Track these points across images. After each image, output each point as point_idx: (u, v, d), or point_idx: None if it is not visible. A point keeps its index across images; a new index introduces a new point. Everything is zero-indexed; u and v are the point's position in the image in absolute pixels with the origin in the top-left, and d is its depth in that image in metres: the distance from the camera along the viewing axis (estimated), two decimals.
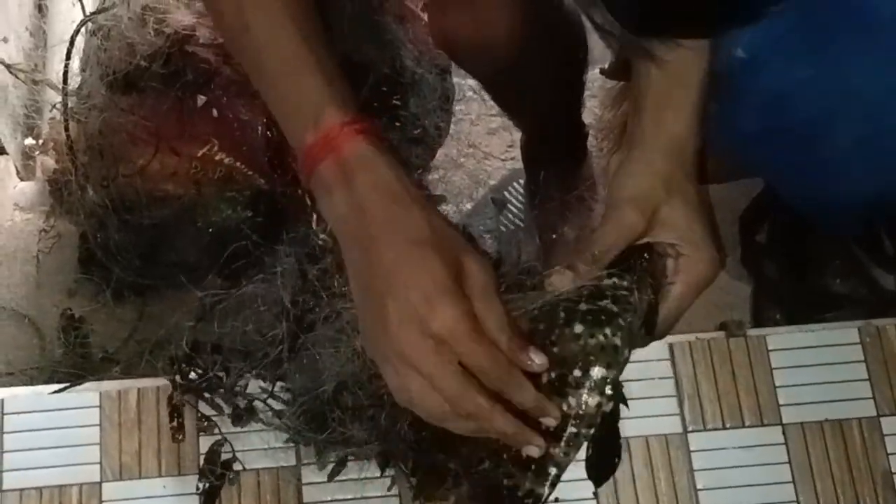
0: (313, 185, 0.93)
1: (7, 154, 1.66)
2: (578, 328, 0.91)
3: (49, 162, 1.54)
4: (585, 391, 0.91)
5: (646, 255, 0.95)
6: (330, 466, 1.15)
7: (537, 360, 0.89)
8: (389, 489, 1.15)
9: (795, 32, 1.18)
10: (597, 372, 0.91)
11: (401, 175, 0.90)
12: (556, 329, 0.91)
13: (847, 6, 1.15)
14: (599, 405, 0.92)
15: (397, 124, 1.38)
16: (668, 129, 0.97)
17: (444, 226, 0.89)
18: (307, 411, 1.15)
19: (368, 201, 0.89)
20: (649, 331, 0.96)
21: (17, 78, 1.51)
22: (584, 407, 0.91)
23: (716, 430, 1.22)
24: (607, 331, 0.91)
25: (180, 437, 1.18)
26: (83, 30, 1.39)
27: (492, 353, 0.86)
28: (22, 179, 1.68)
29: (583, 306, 0.91)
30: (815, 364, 1.24)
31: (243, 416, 1.18)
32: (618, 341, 0.91)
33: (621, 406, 0.99)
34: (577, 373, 0.91)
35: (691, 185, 0.97)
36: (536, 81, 1.37)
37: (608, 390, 0.92)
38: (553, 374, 0.91)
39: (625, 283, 0.93)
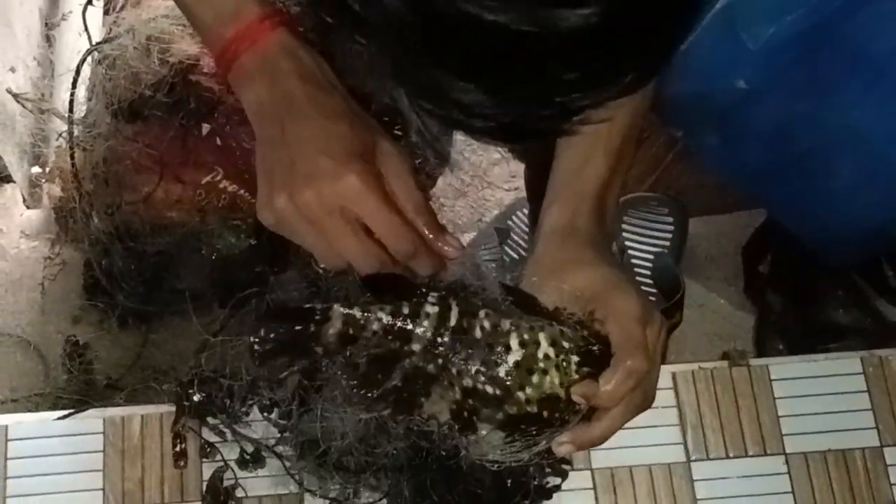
0: (233, 79, 0.94)
1: (14, 182, 1.66)
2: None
3: (55, 190, 1.55)
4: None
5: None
6: (332, 494, 1.15)
7: (454, 244, 0.91)
8: None
9: (797, 66, 1.18)
10: None
11: (322, 63, 0.93)
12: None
13: (848, 43, 1.16)
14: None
15: None
16: (551, 219, 0.98)
17: (363, 113, 0.93)
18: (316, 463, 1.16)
19: (291, 86, 0.91)
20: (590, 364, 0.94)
21: (24, 107, 1.52)
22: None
23: (719, 459, 1.22)
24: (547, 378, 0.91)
25: (182, 463, 1.18)
26: (89, 59, 1.40)
27: (396, 220, 0.89)
28: (28, 207, 1.69)
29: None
30: (819, 394, 1.24)
31: (250, 462, 1.18)
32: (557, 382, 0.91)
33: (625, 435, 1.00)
34: None
35: (589, 252, 0.95)
36: None
37: None
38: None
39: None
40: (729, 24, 1.13)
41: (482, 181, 1.92)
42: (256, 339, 0.90)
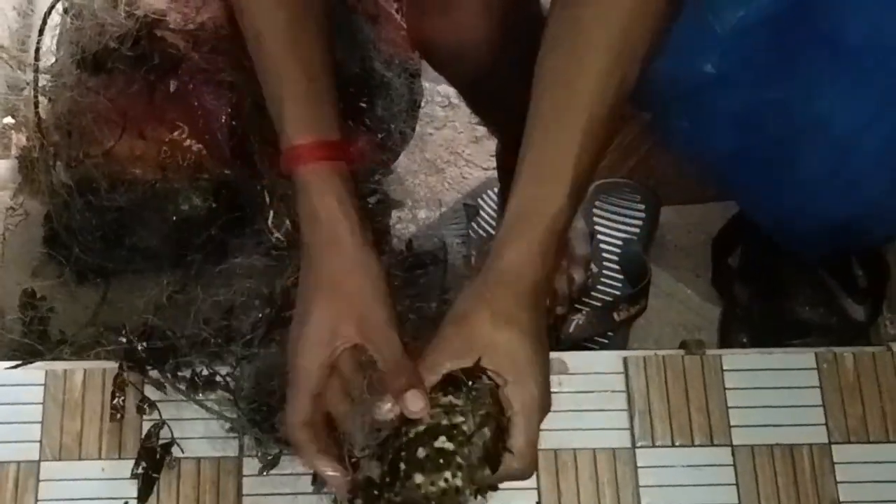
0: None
1: None
2: (419, 478, 0.89)
3: (22, 140, 1.53)
4: None
5: (479, 376, 0.92)
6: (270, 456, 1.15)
7: (414, 406, 0.91)
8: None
9: (766, 52, 1.17)
10: None
11: (334, 212, 0.99)
12: (398, 482, 0.90)
13: (818, 31, 1.14)
14: None
15: (364, 126, 1.38)
16: (504, 261, 0.94)
17: (348, 269, 0.98)
18: (257, 405, 1.16)
19: (303, 228, 1.01)
20: (493, 467, 0.92)
21: None
22: None
23: (665, 447, 1.21)
24: (447, 474, 0.89)
25: (119, 416, 1.17)
26: (59, 7, 1.38)
27: (342, 403, 0.97)
28: None
29: (421, 452, 0.90)
30: (770, 387, 1.24)
31: (199, 385, 1.18)
32: (459, 482, 0.90)
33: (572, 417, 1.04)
34: None
35: (526, 313, 0.93)
36: (513, 89, 1.36)
37: None
38: None
39: (459, 402, 0.91)
40: (697, 7, 1.12)
41: (460, 158, 1.90)
42: None
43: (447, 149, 1.91)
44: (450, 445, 0.90)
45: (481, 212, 1.66)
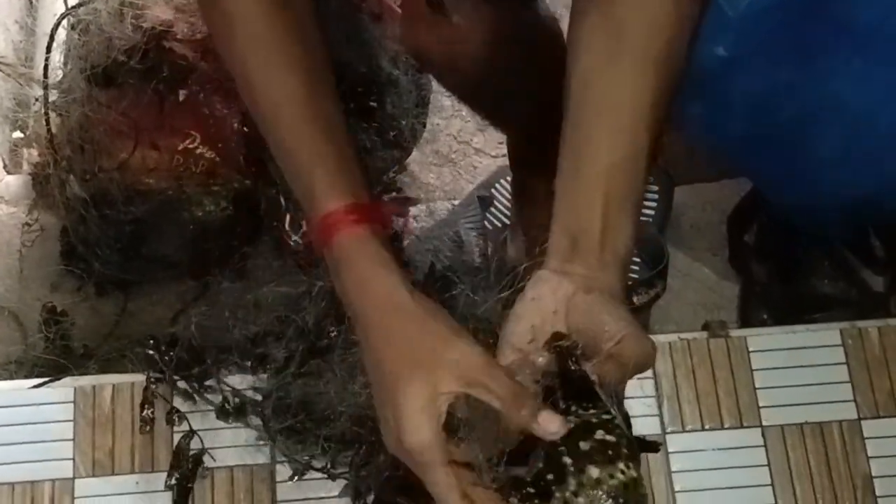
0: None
1: None
2: (594, 471, 0.82)
3: (33, 155, 1.54)
4: None
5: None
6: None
7: (552, 426, 0.85)
8: None
9: (779, 34, 1.16)
10: None
11: (382, 274, 0.91)
12: (570, 477, 0.83)
13: (832, 13, 1.14)
14: None
15: (374, 126, 1.37)
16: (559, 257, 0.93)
17: (419, 326, 0.89)
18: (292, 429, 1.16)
19: (352, 298, 0.92)
20: (650, 447, 0.90)
21: (2, 71, 1.50)
22: None
23: (695, 431, 1.21)
24: (621, 465, 0.83)
25: (149, 429, 1.17)
26: (64, 23, 1.38)
27: (462, 476, 0.86)
28: (9, 173, 1.67)
29: (584, 445, 0.83)
30: (797, 366, 1.24)
31: (231, 413, 1.18)
32: (635, 473, 0.83)
33: None
34: None
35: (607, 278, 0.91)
36: (513, 92, 1.35)
37: None
38: None
39: (596, 409, 0.86)
40: None
41: (469, 147, 1.90)
42: None
43: (456, 139, 1.91)
44: (611, 437, 0.84)
45: (495, 202, 1.66)
